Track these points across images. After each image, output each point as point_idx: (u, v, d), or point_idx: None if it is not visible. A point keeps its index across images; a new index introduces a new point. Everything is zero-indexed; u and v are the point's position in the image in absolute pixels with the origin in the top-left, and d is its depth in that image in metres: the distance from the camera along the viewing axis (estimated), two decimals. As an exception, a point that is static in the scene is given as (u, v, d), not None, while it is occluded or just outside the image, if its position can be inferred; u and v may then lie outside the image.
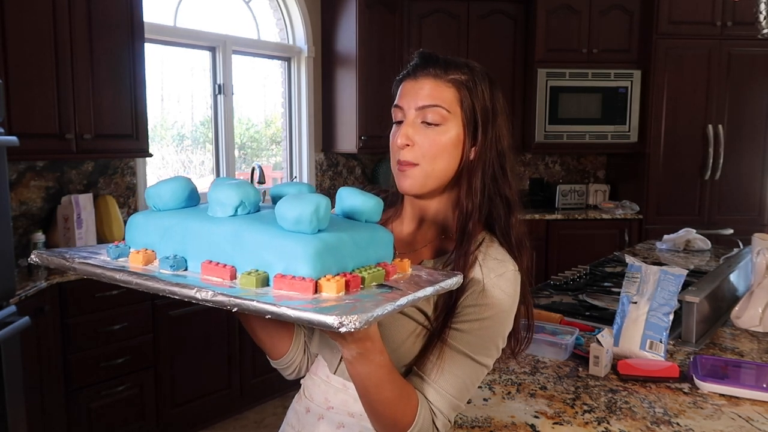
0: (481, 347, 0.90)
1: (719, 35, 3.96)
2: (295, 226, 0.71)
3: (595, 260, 2.63)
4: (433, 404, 0.88)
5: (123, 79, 2.80)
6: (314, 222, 0.71)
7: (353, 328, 0.60)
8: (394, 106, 0.96)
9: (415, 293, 0.72)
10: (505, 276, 0.92)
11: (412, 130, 0.92)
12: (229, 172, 3.76)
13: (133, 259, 0.80)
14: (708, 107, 4.02)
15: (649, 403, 1.24)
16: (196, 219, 0.79)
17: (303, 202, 0.71)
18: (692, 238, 2.88)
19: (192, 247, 0.77)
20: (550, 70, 4.11)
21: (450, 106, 0.92)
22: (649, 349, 1.44)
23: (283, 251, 0.70)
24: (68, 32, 2.57)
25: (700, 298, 1.58)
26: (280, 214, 0.72)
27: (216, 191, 0.79)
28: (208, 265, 0.74)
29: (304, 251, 0.69)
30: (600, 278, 2.31)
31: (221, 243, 0.75)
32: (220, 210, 0.78)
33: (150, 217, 0.83)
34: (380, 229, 0.82)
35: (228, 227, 0.75)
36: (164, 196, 0.84)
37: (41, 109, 2.51)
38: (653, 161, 4.06)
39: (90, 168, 3.03)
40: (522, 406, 1.23)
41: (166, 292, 0.70)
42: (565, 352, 1.48)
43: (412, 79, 0.95)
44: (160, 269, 0.77)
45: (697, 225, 3.29)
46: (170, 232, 0.79)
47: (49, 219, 2.84)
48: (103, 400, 2.57)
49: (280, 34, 4.06)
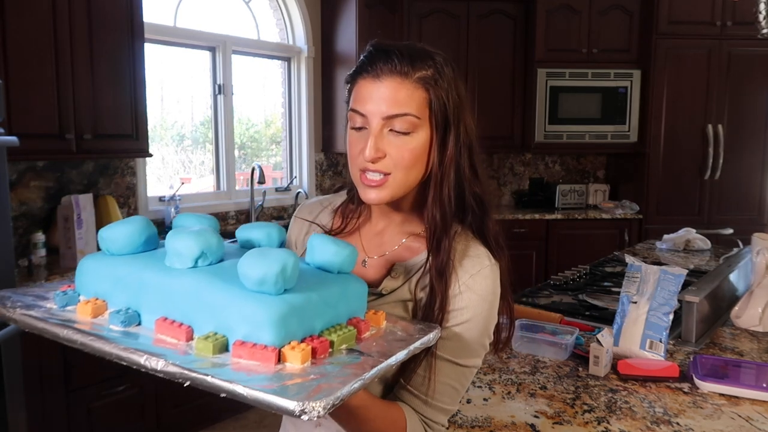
0: (466, 351, 0.88)
1: (719, 35, 3.96)
2: (258, 286, 0.65)
3: (595, 260, 2.63)
4: (426, 416, 0.87)
5: (123, 79, 2.80)
6: (279, 283, 0.65)
7: (316, 416, 0.54)
8: (352, 110, 0.87)
9: (386, 361, 0.66)
10: (482, 273, 0.88)
11: (381, 142, 0.83)
12: (229, 171, 3.76)
13: (80, 310, 0.73)
14: (708, 107, 4.02)
15: (649, 402, 1.24)
16: (151, 269, 0.72)
17: (268, 261, 0.65)
18: (692, 238, 2.88)
19: (146, 300, 0.70)
20: (550, 70, 4.11)
21: (419, 111, 0.84)
22: (649, 349, 1.44)
23: (244, 315, 0.64)
24: (68, 32, 2.57)
25: (700, 298, 1.58)
26: (242, 274, 0.66)
27: (174, 240, 0.72)
28: (163, 323, 0.68)
29: (267, 316, 0.63)
30: (600, 278, 2.30)
31: (178, 299, 0.68)
32: (177, 261, 0.72)
33: (102, 263, 0.75)
34: (353, 281, 0.77)
35: (186, 281, 0.69)
36: (118, 241, 0.77)
37: (41, 110, 2.51)
38: (653, 161, 4.06)
39: (90, 168, 3.03)
40: (522, 405, 1.23)
41: (113, 357, 0.64)
42: (565, 352, 1.48)
43: (373, 78, 0.84)
44: (110, 324, 0.70)
45: (696, 225, 3.29)
46: (123, 281, 0.73)
47: (49, 219, 2.83)
48: (103, 400, 2.56)
49: (280, 34, 4.06)
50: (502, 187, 4.77)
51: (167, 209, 3.34)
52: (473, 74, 4.21)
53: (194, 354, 0.64)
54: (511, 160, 4.75)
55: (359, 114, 0.86)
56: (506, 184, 4.78)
